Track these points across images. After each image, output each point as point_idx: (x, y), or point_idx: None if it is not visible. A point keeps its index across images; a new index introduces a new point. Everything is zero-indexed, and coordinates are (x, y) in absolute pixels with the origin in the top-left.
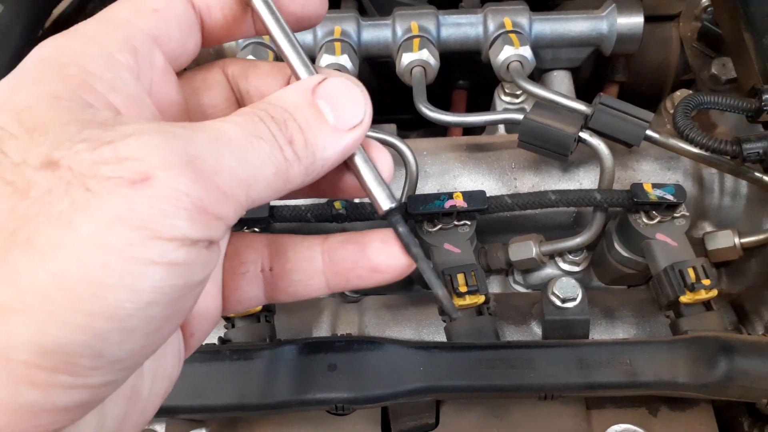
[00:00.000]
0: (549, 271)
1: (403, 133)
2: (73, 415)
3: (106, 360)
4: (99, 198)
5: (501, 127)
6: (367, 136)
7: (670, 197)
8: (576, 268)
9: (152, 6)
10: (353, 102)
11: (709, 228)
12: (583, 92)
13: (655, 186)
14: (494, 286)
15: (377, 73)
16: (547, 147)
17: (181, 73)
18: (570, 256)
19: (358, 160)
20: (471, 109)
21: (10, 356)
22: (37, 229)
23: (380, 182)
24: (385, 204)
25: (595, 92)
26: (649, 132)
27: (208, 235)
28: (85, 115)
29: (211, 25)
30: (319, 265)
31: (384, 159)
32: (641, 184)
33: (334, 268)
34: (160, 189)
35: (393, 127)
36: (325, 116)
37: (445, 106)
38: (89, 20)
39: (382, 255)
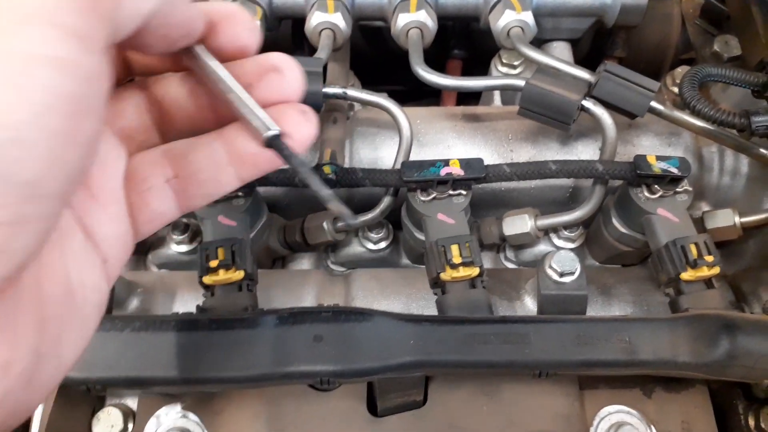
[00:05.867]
0: (542, 247)
1: None
2: None
3: (10, 183)
4: None
5: (497, 100)
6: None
7: (674, 170)
8: (570, 245)
9: None
10: None
11: (706, 207)
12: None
13: (659, 158)
14: (485, 262)
15: (369, 40)
16: (548, 114)
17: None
18: (565, 232)
19: (225, 78)
20: None
21: None
22: None
23: (255, 107)
24: (266, 130)
25: (594, 67)
26: (653, 103)
27: (90, 22)
28: None
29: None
30: (223, 157)
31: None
32: (645, 156)
33: (240, 158)
34: None
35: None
36: None
37: None
38: None
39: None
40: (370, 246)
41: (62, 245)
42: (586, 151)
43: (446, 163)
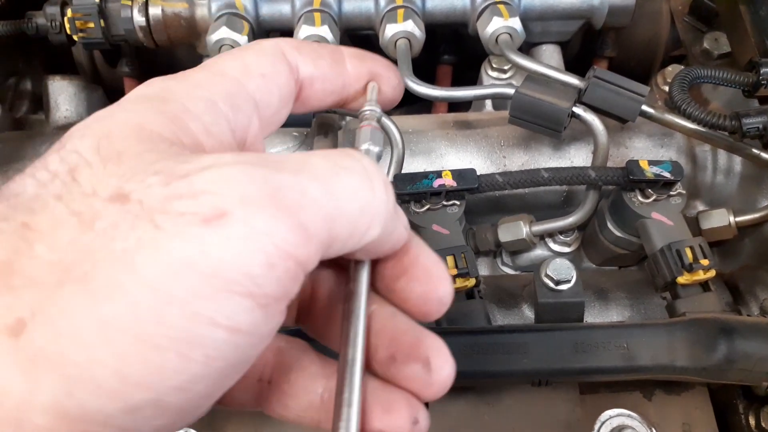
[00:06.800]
0: (539, 252)
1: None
2: None
3: None
4: (168, 237)
5: (488, 105)
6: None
7: (666, 174)
8: (567, 249)
9: (260, 70)
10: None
11: (701, 207)
12: (572, 68)
13: (651, 163)
14: (482, 268)
15: (359, 46)
16: (539, 123)
17: None
18: (561, 237)
19: (355, 335)
20: (456, 84)
21: (23, 417)
22: (95, 267)
23: (355, 410)
24: None
25: (585, 68)
26: (644, 107)
27: (286, 287)
28: (165, 146)
29: (307, 95)
30: (316, 401)
31: None
32: (637, 161)
33: (329, 414)
34: (237, 227)
35: None
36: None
37: (430, 81)
38: (198, 69)
39: (382, 423)
40: None
41: None
42: (578, 155)
43: (438, 174)
